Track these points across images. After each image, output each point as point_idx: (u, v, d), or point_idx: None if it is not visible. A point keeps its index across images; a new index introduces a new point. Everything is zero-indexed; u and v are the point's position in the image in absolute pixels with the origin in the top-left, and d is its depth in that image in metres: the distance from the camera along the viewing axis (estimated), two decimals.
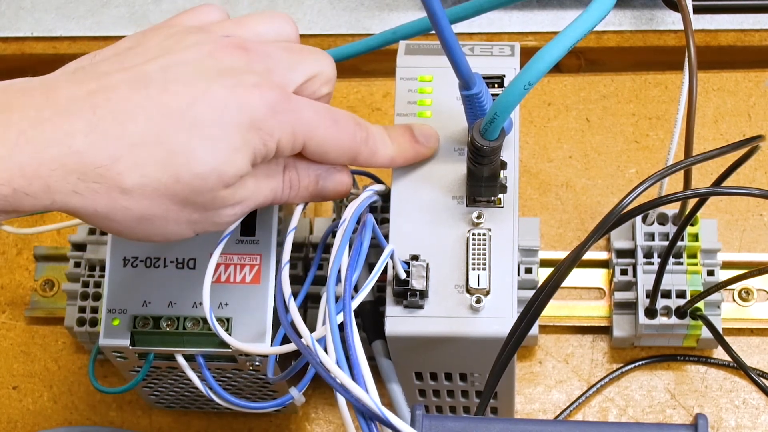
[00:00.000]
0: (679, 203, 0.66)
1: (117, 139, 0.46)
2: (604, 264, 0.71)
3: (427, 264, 0.54)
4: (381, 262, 0.52)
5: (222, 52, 0.50)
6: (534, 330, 0.68)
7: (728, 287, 0.68)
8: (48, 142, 0.45)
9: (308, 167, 0.53)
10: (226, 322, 0.57)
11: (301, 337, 0.50)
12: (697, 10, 0.74)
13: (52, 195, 0.46)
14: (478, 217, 0.55)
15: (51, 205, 0.47)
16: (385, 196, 0.61)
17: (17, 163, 0.45)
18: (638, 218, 0.68)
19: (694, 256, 0.68)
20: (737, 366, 0.68)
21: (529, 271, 0.68)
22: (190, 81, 0.48)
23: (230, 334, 0.56)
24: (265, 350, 0.55)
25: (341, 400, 0.49)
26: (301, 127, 0.51)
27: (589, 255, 0.70)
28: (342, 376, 0.47)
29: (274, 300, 0.57)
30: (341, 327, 0.48)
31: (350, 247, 0.51)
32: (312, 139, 0.51)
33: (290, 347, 0.53)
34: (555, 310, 0.70)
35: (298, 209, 0.55)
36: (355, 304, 0.50)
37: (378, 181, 0.59)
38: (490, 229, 0.54)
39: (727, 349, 0.66)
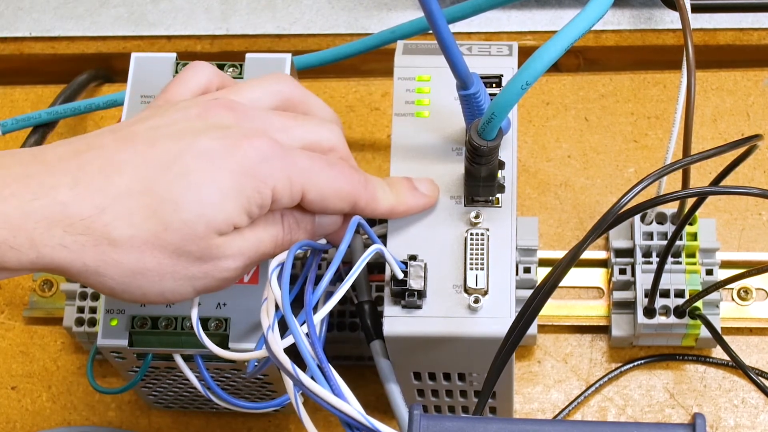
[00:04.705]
0: (677, 202, 0.66)
1: (102, 191, 0.46)
2: (602, 263, 0.71)
3: (425, 264, 0.54)
4: (361, 260, 0.51)
5: (210, 112, 0.50)
6: (532, 329, 0.68)
7: (727, 286, 0.68)
8: (33, 194, 0.45)
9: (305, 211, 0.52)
10: (224, 322, 0.57)
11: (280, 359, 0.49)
12: (696, 9, 0.74)
13: (38, 248, 0.45)
14: (476, 216, 0.55)
15: (37, 260, 0.46)
16: None
17: (1, 215, 0.45)
18: (637, 217, 0.68)
19: (693, 256, 0.68)
20: (736, 365, 0.68)
21: (527, 270, 0.68)
22: (177, 136, 0.48)
23: (228, 334, 0.56)
24: (243, 356, 0.55)
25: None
26: (298, 174, 0.50)
27: (588, 254, 0.70)
28: (326, 395, 0.47)
29: None
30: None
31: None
32: (310, 185, 0.50)
33: (263, 353, 0.51)
34: (553, 309, 0.70)
35: None
36: (323, 312, 0.49)
37: None
38: (488, 229, 0.54)
39: (726, 348, 0.66)
